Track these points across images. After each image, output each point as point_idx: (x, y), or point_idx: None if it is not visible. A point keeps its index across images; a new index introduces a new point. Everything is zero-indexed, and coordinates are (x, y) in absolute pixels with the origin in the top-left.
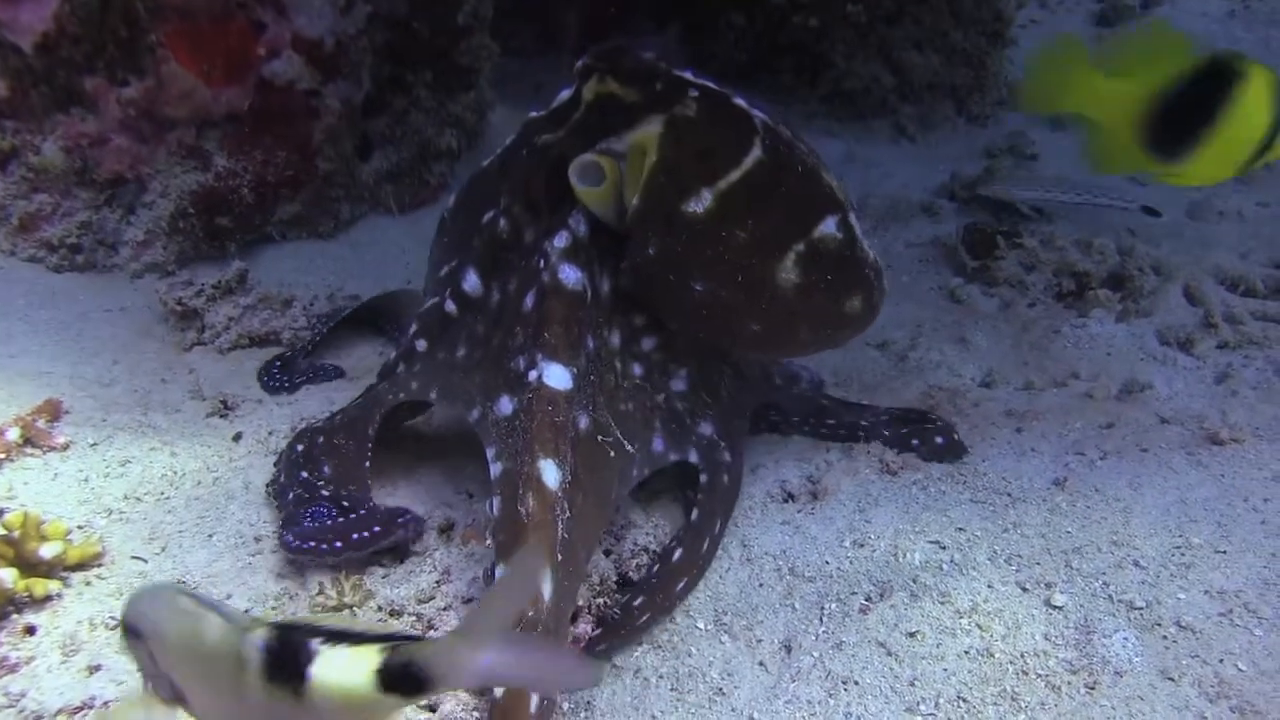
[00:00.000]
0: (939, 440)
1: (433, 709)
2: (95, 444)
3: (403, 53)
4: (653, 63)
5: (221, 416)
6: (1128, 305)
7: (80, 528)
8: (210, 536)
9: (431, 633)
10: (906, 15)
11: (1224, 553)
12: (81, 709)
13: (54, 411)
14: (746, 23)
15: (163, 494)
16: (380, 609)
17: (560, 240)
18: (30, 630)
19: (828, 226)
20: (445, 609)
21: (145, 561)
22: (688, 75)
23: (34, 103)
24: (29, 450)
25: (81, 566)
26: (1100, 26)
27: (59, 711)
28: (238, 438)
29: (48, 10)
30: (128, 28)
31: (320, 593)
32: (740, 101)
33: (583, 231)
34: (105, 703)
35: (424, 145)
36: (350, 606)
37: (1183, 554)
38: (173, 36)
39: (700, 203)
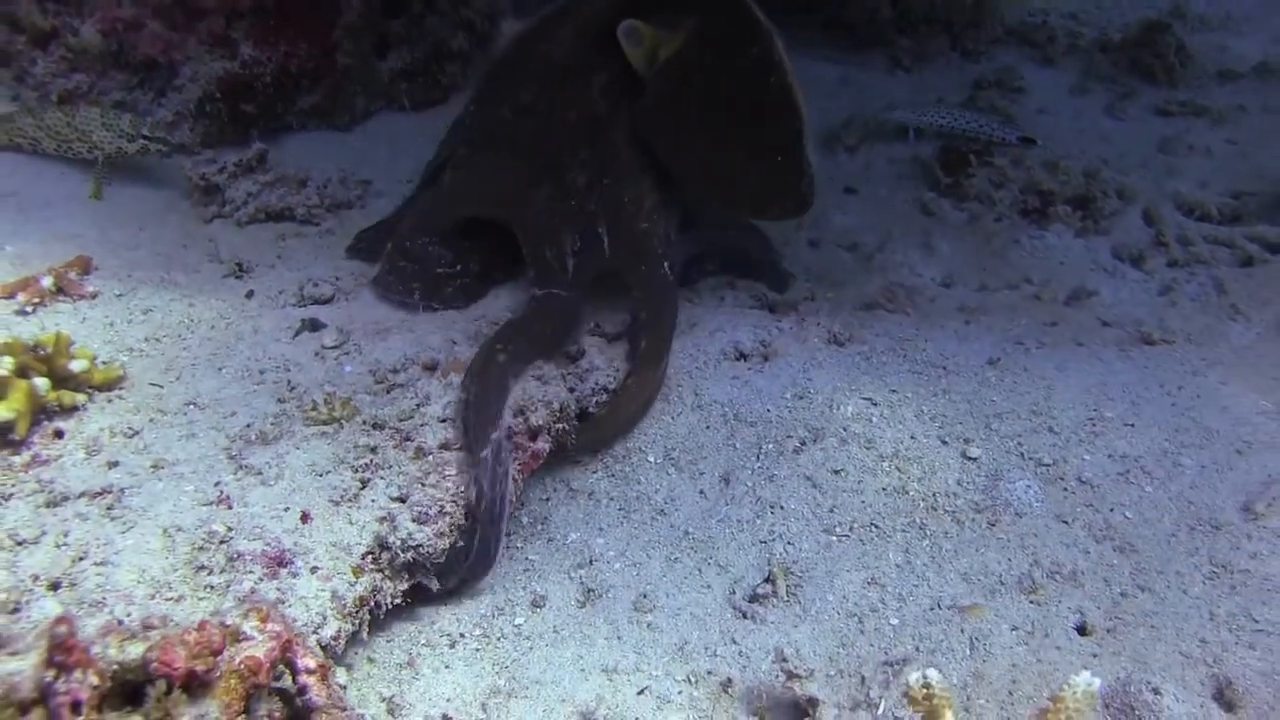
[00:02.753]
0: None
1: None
2: (121, 295)
3: None
4: None
5: (237, 278)
6: (1088, 224)
7: (105, 363)
8: (220, 369)
9: (407, 444)
10: None
11: (1132, 425)
12: (101, 493)
13: (84, 266)
14: None
15: (180, 336)
16: (365, 423)
17: (601, 78)
18: (59, 434)
19: (786, 128)
20: (422, 425)
21: (161, 387)
22: None
23: None
24: (61, 298)
25: (106, 388)
26: None
27: (81, 494)
28: (250, 295)
29: None
30: None
31: (314, 408)
32: (760, 15)
33: (617, 73)
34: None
35: (438, 46)
36: (339, 420)
37: (1094, 424)
38: None
39: (700, 78)
